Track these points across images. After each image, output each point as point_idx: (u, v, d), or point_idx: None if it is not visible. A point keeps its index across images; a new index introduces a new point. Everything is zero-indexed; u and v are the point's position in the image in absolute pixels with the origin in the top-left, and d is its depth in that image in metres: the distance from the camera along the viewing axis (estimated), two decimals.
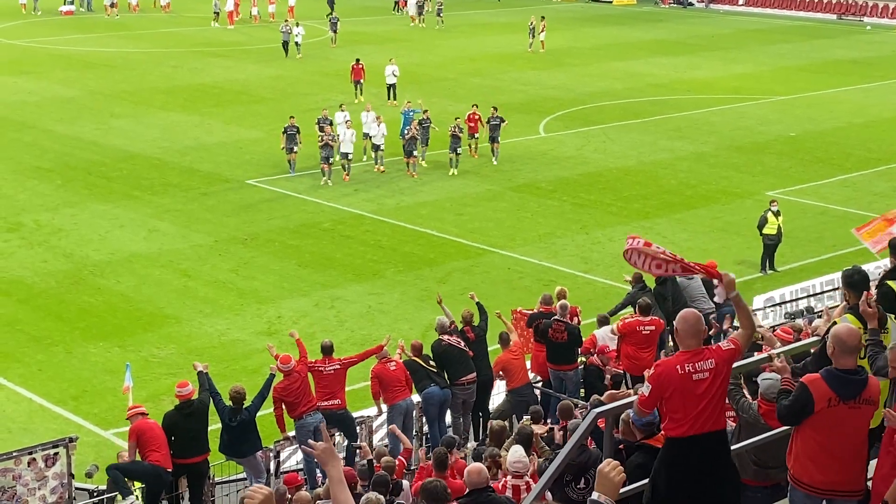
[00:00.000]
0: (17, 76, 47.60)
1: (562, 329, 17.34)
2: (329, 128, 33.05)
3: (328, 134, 32.49)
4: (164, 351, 21.73)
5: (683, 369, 7.53)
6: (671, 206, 31.72)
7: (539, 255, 27.36)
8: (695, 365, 7.53)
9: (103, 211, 30.09)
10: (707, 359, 7.56)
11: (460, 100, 44.20)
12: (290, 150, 33.10)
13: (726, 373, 7.66)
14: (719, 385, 7.59)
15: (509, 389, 17.36)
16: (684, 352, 7.63)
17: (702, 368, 7.53)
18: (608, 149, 37.94)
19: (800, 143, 39.43)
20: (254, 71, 50.12)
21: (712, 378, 7.54)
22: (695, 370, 7.52)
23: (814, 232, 29.59)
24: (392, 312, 23.83)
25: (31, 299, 24.23)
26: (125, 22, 63.82)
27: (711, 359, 7.57)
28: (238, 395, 15.17)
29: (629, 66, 53.57)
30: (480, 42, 60.00)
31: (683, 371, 7.53)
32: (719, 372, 7.57)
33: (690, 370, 7.52)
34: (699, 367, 7.53)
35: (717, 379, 7.57)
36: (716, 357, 7.58)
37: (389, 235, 28.76)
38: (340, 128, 33.31)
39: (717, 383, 7.57)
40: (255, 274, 25.88)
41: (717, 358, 7.58)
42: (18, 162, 34.70)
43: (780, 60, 56.87)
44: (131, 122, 40.22)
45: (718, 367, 7.56)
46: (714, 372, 7.54)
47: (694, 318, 7.66)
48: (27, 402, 19.75)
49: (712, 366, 7.54)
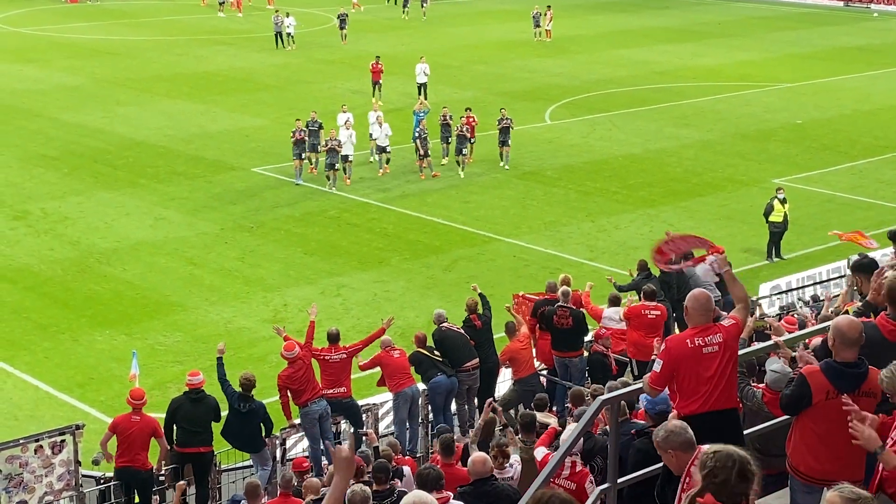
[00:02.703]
0: (23, 64, 47.61)
1: (566, 315, 17.36)
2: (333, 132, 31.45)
3: (333, 139, 30.96)
4: (170, 339, 21.77)
5: (693, 343, 7.82)
6: (677, 194, 31.68)
7: (545, 243, 27.35)
8: (704, 339, 7.81)
9: (109, 199, 30.12)
10: (716, 333, 7.84)
11: (465, 87, 44.20)
12: (298, 155, 31.46)
13: (734, 347, 7.88)
14: (728, 359, 7.83)
15: (516, 379, 17.37)
16: (693, 327, 7.91)
17: (711, 342, 7.80)
18: (614, 136, 37.90)
19: (806, 130, 39.36)
20: (258, 59, 50.08)
21: (722, 351, 7.79)
22: (704, 343, 7.80)
23: (820, 219, 29.54)
24: (398, 300, 23.84)
25: (37, 287, 24.28)
26: (130, 10, 63.77)
27: (719, 332, 7.85)
28: (248, 382, 15.22)
29: (635, 54, 53.46)
30: (485, 29, 59.89)
31: (694, 344, 7.81)
32: (728, 346, 7.83)
33: (700, 343, 7.80)
34: (709, 341, 7.81)
35: (726, 353, 7.81)
36: (723, 332, 7.86)
37: (395, 223, 28.76)
38: (341, 130, 31.76)
39: (726, 357, 7.81)
40: (260, 262, 25.90)
41: (724, 332, 7.86)
42: (24, 150, 34.73)
43: (787, 48, 56.71)
44: (136, 109, 40.23)
45: (727, 340, 7.84)
46: (723, 346, 7.81)
47: (704, 297, 7.97)
48: (34, 389, 19.81)
49: (721, 339, 7.82)
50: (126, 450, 14.55)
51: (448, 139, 33.24)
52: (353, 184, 31.49)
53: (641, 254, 22.94)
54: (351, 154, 31.64)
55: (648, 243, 26.43)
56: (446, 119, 33.21)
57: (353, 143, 31.60)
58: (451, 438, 12.22)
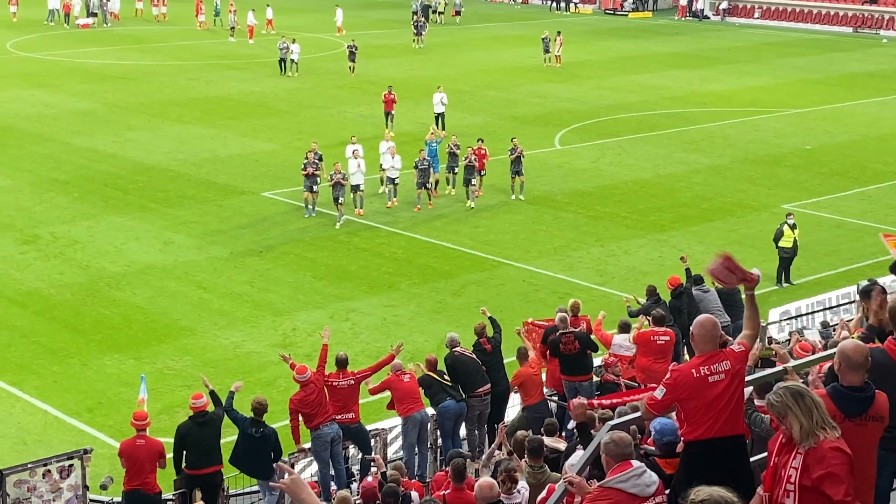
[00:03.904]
0: (35, 89, 47.86)
1: (571, 340, 17.34)
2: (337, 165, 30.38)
3: (337, 171, 30.08)
4: (179, 363, 21.77)
5: (699, 372, 7.74)
6: (687, 219, 31.66)
7: (554, 268, 27.34)
8: (710, 367, 7.74)
9: (119, 223, 30.19)
10: (722, 360, 7.77)
11: (475, 112, 44.29)
12: (309, 188, 30.60)
13: (742, 373, 7.83)
14: (736, 387, 7.78)
15: (525, 406, 17.31)
16: (700, 355, 7.83)
17: (717, 370, 7.73)
18: (623, 161, 37.92)
19: (816, 156, 39.34)
20: (269, 84, 50.27)
21: (729, 379, 7.73)
22: (710, 372, 7.73)
23: (830, 245, 29.49)
24: (407, 325, 23.83)
25: (47, 311, 24.31)
26: (142, 35, 64.10)
27: (727, 360, 7.78)
28: (261, 407, 15.20)
29: (644, 79, 53.55)
30: (495, 55, 60.05)
31: (699, 374, 7.74)
32: (735, 373, 7.77)
33: (706, 373, 7.73)
34: (714, 370, 7.73)
35: (734, 380, 7.76)
36: (731, 358, 7.79)
37: (405, 248, 28.78)
38: (350, 161, 31.03)
39: (734, 385, 7.76)
40: (270, 286, 25.92)
41: (731, 359, 7.79)
42: (36, 174, 34.86)
43: (796, 73, 56.78)
44: (148, 134, 40.38)
45: (734, 367, 7.76)
46: (730, 373, 7.74)
47: (711, 324, 7.90)
48: (42, 413, 19.80)
49: (728, 367, 7.74)
50: (135, 474, 14.54)
51: (454, 169, 32.76)
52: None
53: (651, 279, 22.94)
54: (361, 184, 31.00)
55: (658, 268, 26.53)
56: (453, 148, 32.72)
57: (362, 172, 30.93)
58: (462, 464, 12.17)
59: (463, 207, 31.97)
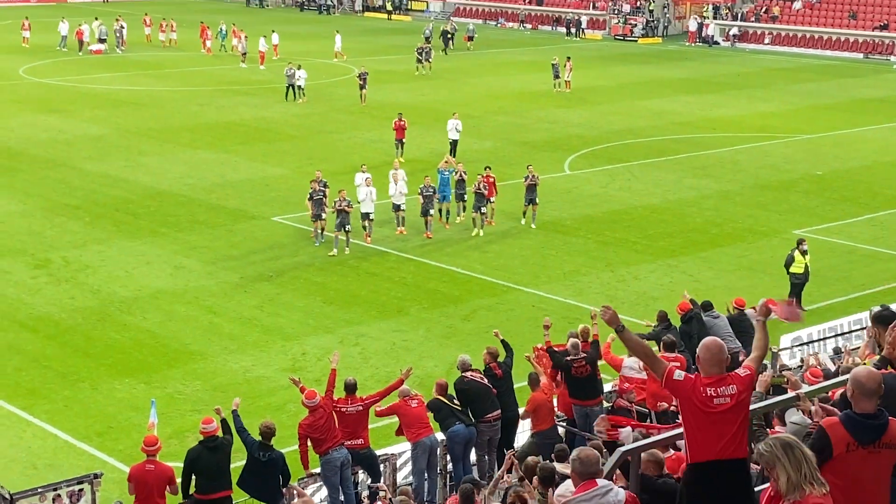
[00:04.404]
0: (47, 114, 48.10)
1: (583, 363, 17.33)
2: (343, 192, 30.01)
3: (343, 199, 29.61)
4: (189, 387, 21.78)
5: (705, 392, 7.76)
6: (697, 245, 31.63)
7: (564, 293, 27.31)
8: (717, 389, 7.76)
9: (130, 247, 30.27)
10: (729, 384, 7.79)
11: (485, 137, 44.37)
12: (317, 216, 30.30)
13: (747, 398, 7.84)
14: (740, 410, 7.78)
15: (535, 431, 17.27)
16: (708, 377, 7.84)
17: (723, 394, 7.76)
18: (633, 187, 37.93)
19: (826, 181, 39.31)
20: (280, 109, 50.46)
21: (734, 403, 7.75)
22: (716, 394, 7.75)
23: (841, 271, 29.43)
24: (416, 350, 23.82)
25: (58, 335, 24.36)
26: (154, 61, 64.43)
27: (734, 384, 7.79)
28: (269, 430, 15.19)
29: (654, 105, 53.63)
30: (505, 80, 60.21)
31: (705, 394, 7.76)
32: (740, 397, 7.78)
33: (712, 394, 7.75)
34: (721, 392, 7.76)
35: (738, 405, 7.77)
36: (736, 383, 7.81)
37: (414, 272, 28.79)
38: (360, 189, 30.86)
39: (739, 409, 7.76)
40: (280, 310, 25.95)
41: (738, 384, 7.81)
42: (48, 199, 34.99)
43: (807, 99, 56.82)
44: (159, 159, 40.53)
45: (740, 392, 7.78)
46: (736, 397, 7.76)
47: (716, 347, 7.92)
48: (53, 438, 19.81)
49: (734, 391, 7.76)
50: (144, 499, 14.53)
51: (463, 196, 32.45)
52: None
53: (661, 304, 22.91)
54: (372, 212, 30.76)
55: (668, 294, 26.48)
56: (462, 175, 32.46)
57: (373, 200, 30.66)
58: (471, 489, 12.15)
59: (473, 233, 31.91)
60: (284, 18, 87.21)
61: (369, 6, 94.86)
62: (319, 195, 30.17)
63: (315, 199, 30.23)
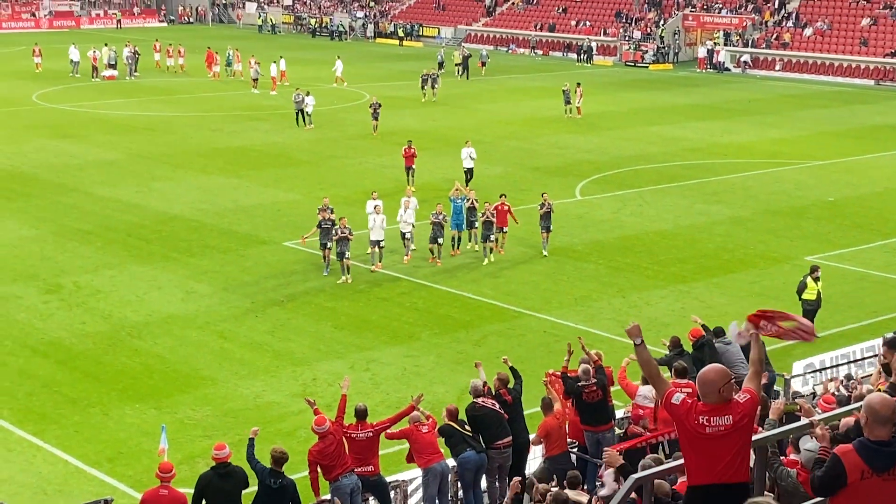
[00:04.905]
0: (60, 140, 48.32)
1: (594, 388, 17.28)
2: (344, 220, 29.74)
3: (343, 227, 29.44)
4: (199, 412, 21.75)
5: (698, 420, 7.79)
6: (708, 270, 31.56)
7: (575, 319, 27.26)
8: (710, 419, 7.77)
9: (142, 272, 30.32)
10: (725, 415, 7.77)
11: (496, 163, 44.40)
12: (324, 245, 30.08)
13: (748, 424, 7.79)
14: (739, 436, 7.76)
15: (547, 457, 17.20)
16: (706, 404, 7.84)
17: (717, 423, 7.76)
18: (644, 212, 37.91)
19: (838, 207, 39.24)
20: (291, 134, 50.61)
21: (731, 432, 7.73)
22: (709, 423, 7.76)
23: (853, 297, 29.32)
24: (427, 375, 23.77)
25: (69, 360, 24.37)
26: (166, 86, 64.74)
27: (729, 415, 7.76)
28: (281, 457, 15.11)
29: (665, 130, 53.67)
30: (516, 106, 60.34)
31: (698, 421, 7.79)
32: (739, 425, 7.75)
33: (705, 422, 7.77)
34: (714, 422, 7.76)
35: (736, 432, 7.75)
36: (734, 412, 7.76)
37: (425, 298, 28.77)
38: (370, 216, 30.61)
39: (737, 434, 7.75)
40: (290, 335, 25.93)
41: (735, 413, 7.76)
42: (59, 224, 35.10)
43: (818, 126, 56.80)
44: (171, 184, 40.66)
45: (736, 420, 7.75)
46: (732, 427, 7.74)
47: (712, 376, 7.87)
48: (63, 463, 19.79)
49: (729, 422, 7.74)
50: None
51: (474, 223, 32.17)
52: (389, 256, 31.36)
53: (673, 330, 22.82)
54: (382, 240, 30.56)
55: (680, 320, 26.40)
56: (473, 202, 32.31)
57: (382, 227, 30.45)
58: None
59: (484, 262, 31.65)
60: (297, 44, 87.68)
61: (381, 32, 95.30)
62: (327, 224, 29.97)
63: (322, 227, 30.03)
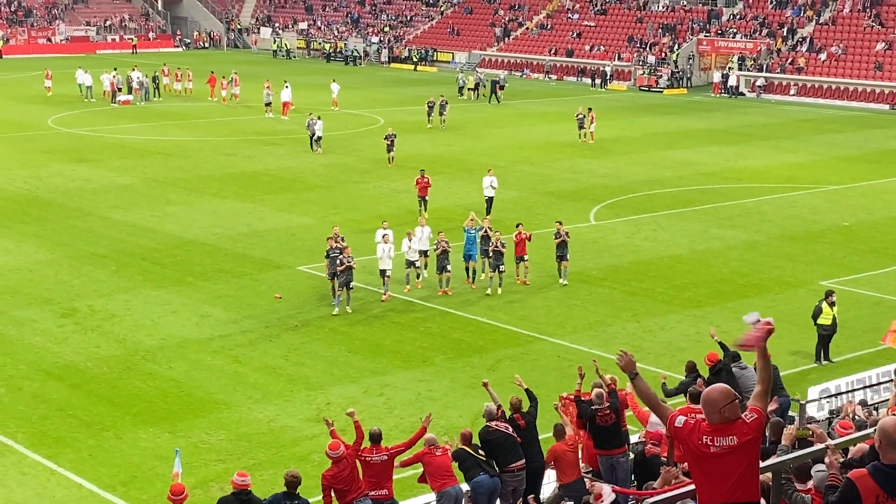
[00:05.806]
0: (75, 164, 48.54)
1: (607, 411, 17.23)
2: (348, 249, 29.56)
3: (347, 256, 29.19)
4: (213, 437, 21.73)
5: (702, 440, 7.72)
6: (723, 295, 31.47)
7: (589, 343, 27.19)
8: (714, 438, 7.69)
9: (156, 297, 30.38)
10: (729, 435, 7.68)
11: (510, 187, 44.41)
12: (333, 275, 29.53)
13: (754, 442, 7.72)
14: (745, 455, 7.67)
15: (561, 484, 17.12)
16: (710, 424, 7.78)
17: (721, 444, 7.67)
18: (659, 237, 37.86)
19: (853, 232, 39.13)
20: (305, 159, 50.75)
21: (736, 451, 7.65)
22: (713, 443, 7.68)
23: (869, 322, 29.18)
24: (441, 399, 23.72)
25: (83, 384, 24.40)
26: (181, 111, 65.04)
27: (733, 435, 7.67)
28: (295, 480, 15.09)
29: (679, 155, 53.65)
30: (529, 131, 60.43)
31: (701, 442, 7.72)
32: (744, 446, 7.67)
33: (708, 442, 7.69)
34: (718, 443, 7.68)
35: (742, 451, 7.66)
36: (737, 433, 7.68)
37: (439, 322, 28.75)
38: (378, 246, 30.35)
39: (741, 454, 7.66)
40: (304, 360, 25.93)
41: (738, 434, 7.68)
42: (74, 248, 35.22)
43: (833, 150, 56.71)
44: (186, 208, 40.79)
45: (741, 440, 7.67)
46: (735, 447, 7.66)
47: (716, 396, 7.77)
48: (77, 487, 19.79)
49: (734, 442, 7.66)
50: None
51: (488, 252, 31.64)
52: (396, 282, 31.34)
53: (688, 354, 22.74)
54: (389, 269, 30.35)
55: (695, 344, 26.33)
56: (487, 231, 31.87)
57: (390, 257, 30.29)
58: None
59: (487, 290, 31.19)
60: (311, 69, 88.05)
61: (395, 57, 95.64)
62: (335, 252, 29.63)
63: (331, 256, 29.71)
